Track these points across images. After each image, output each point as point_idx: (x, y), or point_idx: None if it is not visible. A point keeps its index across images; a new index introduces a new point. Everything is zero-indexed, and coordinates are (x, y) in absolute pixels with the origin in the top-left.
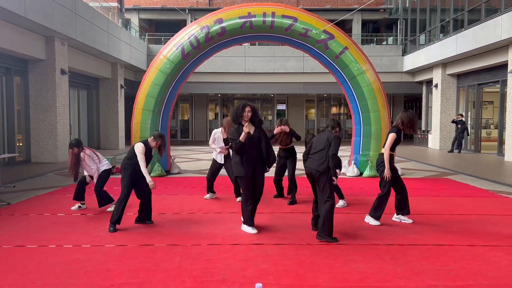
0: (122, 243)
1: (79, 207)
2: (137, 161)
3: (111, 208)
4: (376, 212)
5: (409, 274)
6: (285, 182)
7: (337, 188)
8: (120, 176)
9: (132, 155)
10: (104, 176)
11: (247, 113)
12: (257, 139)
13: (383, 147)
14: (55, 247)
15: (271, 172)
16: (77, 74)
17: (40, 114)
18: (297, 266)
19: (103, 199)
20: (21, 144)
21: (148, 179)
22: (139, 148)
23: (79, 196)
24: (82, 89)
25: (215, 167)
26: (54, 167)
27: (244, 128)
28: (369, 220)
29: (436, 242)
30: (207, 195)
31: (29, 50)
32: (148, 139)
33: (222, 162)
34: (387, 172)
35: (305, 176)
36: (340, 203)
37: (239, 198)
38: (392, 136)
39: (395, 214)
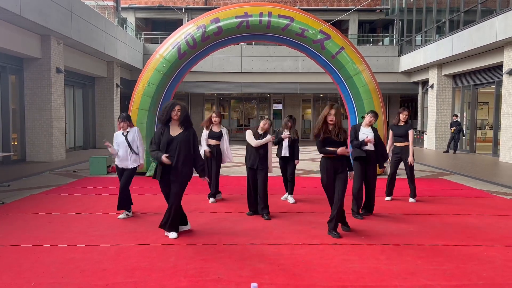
0: (117, 243)
1: (127, 215)
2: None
3: (122, 215)
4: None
5: (404, 274)
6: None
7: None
8: (115, 175)
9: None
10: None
11: (177, 112)
12: (179, 143)
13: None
14: (50, 246)
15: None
16: (72, 73)
17: (36, 113)
18: (293, 265)
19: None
20: (16, 143)
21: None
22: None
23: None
24: (78, 88)
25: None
26: (49, 166)
27: (163, 158)
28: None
29: (431, 242)
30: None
31: (25, 49)
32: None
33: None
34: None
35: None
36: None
37: (211, 199)
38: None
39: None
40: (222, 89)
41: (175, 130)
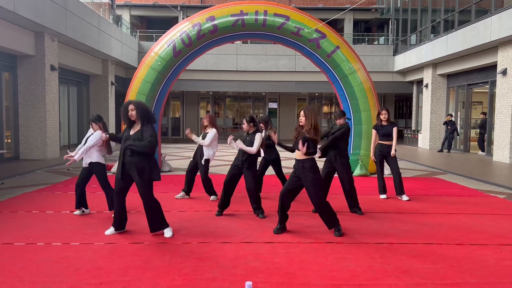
0: (111, 241)
1: (83, 212)
2: None
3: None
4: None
5: (398, 273)
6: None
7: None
8: (110, 173)
9: None
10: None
11: (131, 112)
12: (134, 141)
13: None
14: (44, 244)
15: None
16: (67, 71)
17: (29, 110)
18: (287, 264)
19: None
20: (9, 140)
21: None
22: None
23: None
24: (72, 85)
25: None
26: (43, 164)
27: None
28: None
29: (425, 241)
30: (179, 194)
31: (18, 46)
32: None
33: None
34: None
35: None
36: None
37: (212, 197)
38: None
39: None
40: (218, 87)
41: (134, 129)
